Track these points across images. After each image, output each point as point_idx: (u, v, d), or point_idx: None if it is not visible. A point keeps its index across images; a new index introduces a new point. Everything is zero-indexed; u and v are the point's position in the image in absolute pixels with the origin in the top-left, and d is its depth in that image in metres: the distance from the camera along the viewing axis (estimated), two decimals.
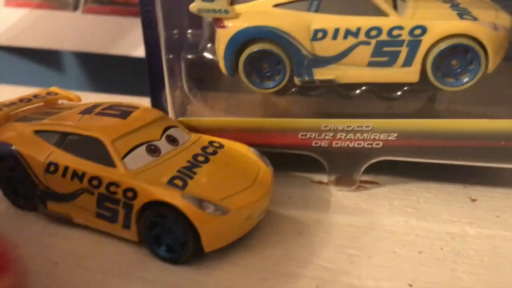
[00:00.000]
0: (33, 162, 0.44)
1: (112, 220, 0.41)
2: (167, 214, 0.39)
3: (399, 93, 0.48)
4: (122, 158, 0.42)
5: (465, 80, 0.46)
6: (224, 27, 0.48)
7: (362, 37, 0.46)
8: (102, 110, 0.47)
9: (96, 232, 0.43)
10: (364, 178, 0.51)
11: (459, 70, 0.46)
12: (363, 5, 0.46)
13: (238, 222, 0.40)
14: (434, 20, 0.45)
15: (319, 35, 0.46)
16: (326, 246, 0.43)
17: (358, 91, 0.49)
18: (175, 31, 0.54)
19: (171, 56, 0.52)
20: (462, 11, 0.46)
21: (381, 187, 0.52)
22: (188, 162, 0.43)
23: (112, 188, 0.41)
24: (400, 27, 0.45)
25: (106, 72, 0.94)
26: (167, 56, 0.51)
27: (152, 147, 0.44)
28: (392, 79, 0.47)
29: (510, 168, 0.48)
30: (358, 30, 0.46)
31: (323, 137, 0.49)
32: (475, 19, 0.45)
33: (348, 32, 0.46)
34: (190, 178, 0.41)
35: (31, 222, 0.46)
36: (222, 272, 0.40)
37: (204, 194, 0.39)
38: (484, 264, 0.40)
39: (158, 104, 0.55)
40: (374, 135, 0.48)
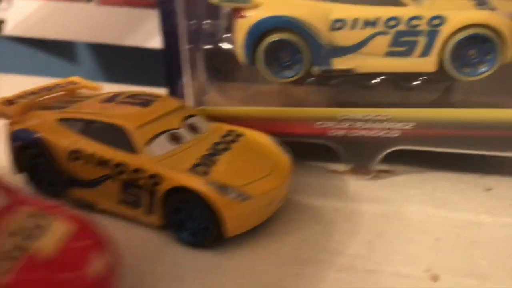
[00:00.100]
0: (57, 149, 0.45)
1: (136, 205, 0.42)
2: (190, 200, 0.40)
3: (416, 83, 0.49)
4: (145, 145, 0.43)
5: (482, 70, 0.47)
6: (243, 17, 0.48)
7: (380, 27, 0.46)
8: (124, 99, 0.48)
9: (119, 218, 0.44)
10: (379, 167, 0.51)
11: (476, 60, 0.46)
12: None
13: (258, 208, 0.41)
14: (453, 10, 0.45)
15: (338, 24, 0.47)
16: (344, 233, 0.43)
17: (375, 81, 0.49)
18: (193, 22, 0.55)
19: (189, 46, 0.53)
20: (480, 1, 0.46)
21: (397, 176, 0.52)
22: (209, 150, 0.44)
23: (136, 174, 0.41)
24: (419, 17, 0.46)
25: (119, 63, 0.95)
26: (186, 47, 0.52)
27: (174, 135, 0.45)
28: (410, 69, 0.48)
29: None
30: (377, 20, 0.46)
31: (340, 126, 0.49)
32: (494, 9, 0.45)
33: (366, 22, 0.46)
34: (212, 165, 0.42)
35: None
36: (243, 257, 0.40)
37: (226, 180, 0.40)
38: (500, 251, 0.41)
39: (174, 94, 0.55)
40: (392, 125, 0.48)
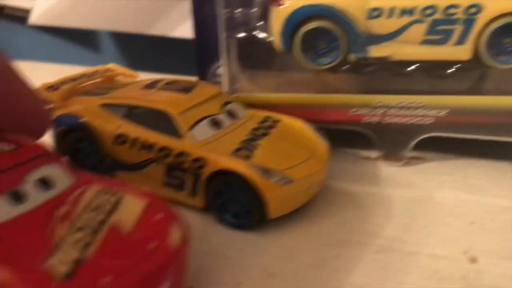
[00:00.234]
0: (102, 133, 0.46)
1: (180, 188, 0.44)
2: (234, 182, 0.41)
3: (450, 70, 0.50)
4: (188, 130, 0.44)
5: None
6: (281, 5, 0.49)
7: (417, 15, 0.47)
8: (164, 85, 0.49)
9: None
10: (411, 154, 0.52)
11: (511, 49, 0.47)
12: None
13: (299, 191, 0.42)
14: None
15: (375, 13, 0.47)
16: (380, 216, 0.44)
17: (410, 68, 0.50)
18: (226, 10, 0.56)
19: (223, 35, 0.54)
20: None
21: (428, 162, 0.53)
22: (248, 135, 0.45)
23: (181, 158, 0.43)
24: (456, 6, 0.46)
25: (141, 51, 0.96)
26: (223, 35, 0.53)
27: (215, 121, 0.46)
28: (445, 56, 0.48)
29: None
30: (414, 8, 0.47)
31: (374, 113, 0.50)
32: None
33: (403, 11, 0.47)
34: (253, 149, 0.43)
35: None
36: (284, 238, 0.42)
37: (269, 164, 0.42)
38: None
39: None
40: (425, 112, 0.49)
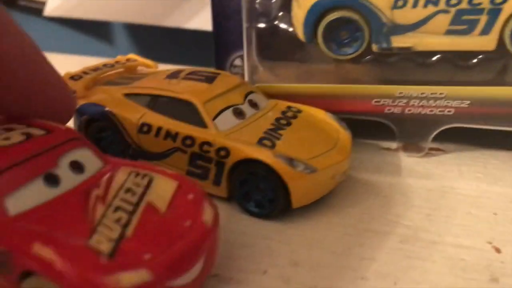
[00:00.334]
0: (126, 122, 0.47)
1: (203, 177, 0.44)
2: (258, 172, 0.41)
3: (474, 61, 0.49)
4: (213, 120, 0.44)
5: None
6: None
7: (442, 5, 0.47)
8: (187, 75, 0.49)
9: None
10: (431, 145, 0.52)
11: None
12: None
13: (323, 181, 0.43)
14: None
15: (400, 3, 0.47)
16: (403, 206, 0.45)
17: (433, 59, 0.50)
18: (248, 0, 0.56)
19: (245, 25, 0.54)
20: None
21: (448, 154, 0.53)
22: (271, 124, 0.45)
23: (205, 147, 0.43)
24: None
25: (154, 42, 0.96)
26: (245, 26, 0.53)
27: (238, 110, 0.46)
28: (469, 47, 0.48)
29: None
30: None
31: (396, 103, 0.50)
32: None
33: (428, 1, 0.47)
34: (277, 139, 0.43)
35: None
36: (308, 227, 0.42)
37: (293, 153, 0.42)
38: None
39: None
40: (447, 102, 0.49)
